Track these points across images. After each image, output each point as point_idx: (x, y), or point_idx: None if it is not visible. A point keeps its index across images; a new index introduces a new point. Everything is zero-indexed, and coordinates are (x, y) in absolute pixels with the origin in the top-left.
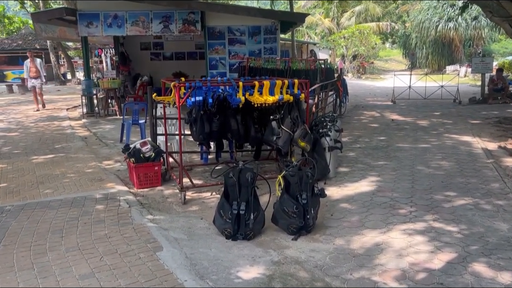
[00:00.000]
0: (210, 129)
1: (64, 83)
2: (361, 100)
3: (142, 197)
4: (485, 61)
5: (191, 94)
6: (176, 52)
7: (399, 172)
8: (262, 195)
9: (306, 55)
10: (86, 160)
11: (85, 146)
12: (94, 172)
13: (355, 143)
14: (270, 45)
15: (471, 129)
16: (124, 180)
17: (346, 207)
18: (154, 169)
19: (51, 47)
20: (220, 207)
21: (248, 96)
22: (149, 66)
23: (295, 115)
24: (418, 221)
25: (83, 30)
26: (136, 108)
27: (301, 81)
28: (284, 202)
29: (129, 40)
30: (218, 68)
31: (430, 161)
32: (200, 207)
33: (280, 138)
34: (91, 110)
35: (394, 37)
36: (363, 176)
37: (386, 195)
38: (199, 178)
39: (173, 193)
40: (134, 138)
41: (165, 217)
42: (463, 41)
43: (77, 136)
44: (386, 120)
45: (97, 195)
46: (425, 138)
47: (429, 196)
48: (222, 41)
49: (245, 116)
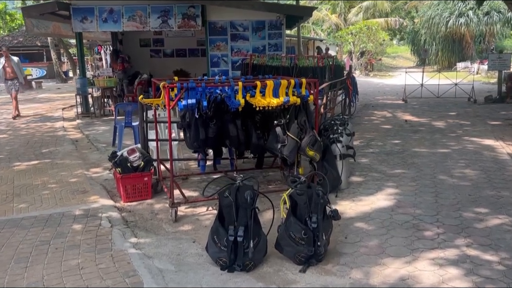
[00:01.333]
0: (206, 136)
1: (66, 81)
2: (371, 99)
3: (128, 213)
4: (502, 58)
5: (183, 95)
6: (177, 49)
7: (420, 183)
8: (264, 211)
9: (313, 51)
10: (73, 167)
11: (74, 151)
12: (78, 182)
13: (367, 148)
14: (275, 41)
15: (492, 131)
16: (111, 191)
17: (362, 228)
18: (143, 180)
19: (52, 44)
20: (214, 232)
21: (249, 98)
22: (149, 63)
23: (303, 120)
24: (448, 246)
25: (77, 26)
26: (129, 109)
27: (310, 81)
28: (290, 226)
29: (127, 37)
30: (220, 66)
31: (452, 169)
32: (193, 225)
33: (286, 146)
34: (86, 110)
35: (403, 33)
36: (379, 187)
37: (408, 212)
38: (194, 189)
39: (164, 207)
40: (128, 142)
41: (152, 240)
42: (474, 37)
43: (67, 139)
44: (398, 121)
45: (76, 211)
46: (444, 142)
47: (457, 214)
48: (224, 37)
49: (246, 121)
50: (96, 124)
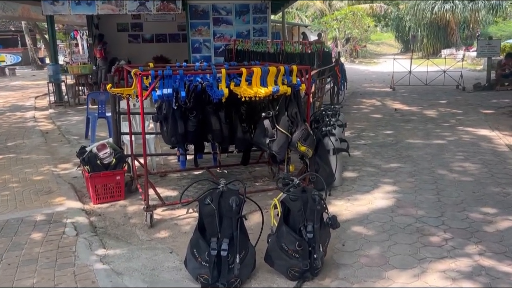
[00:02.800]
0: (185, 130)
1: (42, 68)
2: (358, 86)
3: (98, 217)
4: (491, 44)
5: (157, 84)
6: (157, 34)
7: (418, 179)
8: (251, 213)
9: (298, 37)
10: (39, 162)
11: (43, 144)
12: (43, 181)
13: (358, 139)
14: (260, 26)
15: (486, 120)
16: (81, 191)
17: (361, 232)
18: (115, 179)
19: (27, 29)
20: (194, 245)
21: (233, 87)
22: (127, 49)
23: (294, 112)
24: (459, 255)
25: (48, 8)
26: (103, 99)
27: (301, 68)
28: (282, 236)
29: (104, 21)
30: (202, 52)
31: (451, 162)
32: (171, 232)
33: (275, 141)
34: (59, 99)
35: (387, 19)
36: (375, 184)
37: (409, 213)
38: (173, 187)
39: (138, 210)
40: (103, 134)
41: (123, 251)
42: (459, 23)
43: (37, 130)
44: (388, 109)
45: (38, 216)
46: (438, 132)
47: (463, 215)
48: (206, 21)
49: (230, 113)
50: (70, 114)
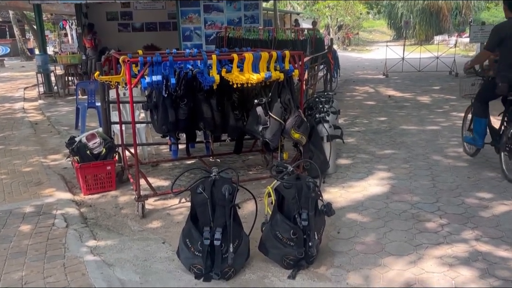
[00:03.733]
0: (176, 118)
1: (31, 59)
2: (351, 73)
3: (88, 208)
4: (485, 30)
5: (146, 72)
6: (147, 22)
7: (413, 165)
8: (245, 202)
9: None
10: (28, 154)
11: (33, 135)
12: (32, 172)
13: (352, 126)
14: (252, 13)
15: None
16: (71, 182)
17: (356, 219)
18: (105, 169)
19: (15, 19)
20: (186, 235)
21: (224, 74)
22: (117, 38)
23: (287, 98)
24: (455, 241)
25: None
26: (92, 88)
27: (294, 53)
28: (276, 224)
29: (93, 9)
30: (193, 40)
31: (445, 148)
32: (163, 222)
33: (268, 128)
34: (49, 90)
35: (379, 6)
36: (370, 170)
37: (404, 199)
38: (165, 177)
39: (130, 200)
40: (93, 124)
41: (114, 242)
42: (451, 10)
43: (26, 121)
44: (382, 96)
45: (27, 208)
46: (431, 118)
47: (459, 200)
48: (196, 8)
49: (222, 100)
50: (60, 105)
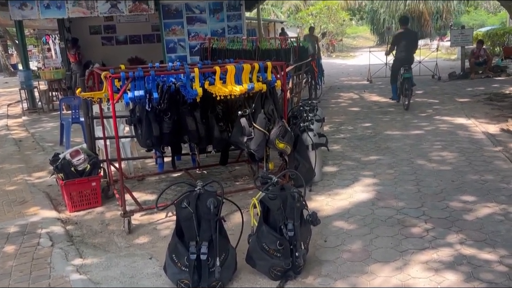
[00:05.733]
0: (160, 131)
1: (14, 74)
2: (335, 80)
3: (74, 226)
4: (464, 33)
5: (129, 87)
6: (131, 35)
7: (398, 170)
8: (231, 214)
9: (274, 34)
10: (12, 172)
11: (17, 153)
12: (17, 191)
13: (337, 133)
14: (235, 23)
15: (462, 109)
16: (56, 199)
17: (343, 227)
18: (90, 185)
19: None
20: (173, 250)
21: (207, 86)
22: (101, 52)
23: (270, 109)
24: (440, 245)
25: (16, 13)
26: (76, 103)
27: (276, 64)
28: (262, 236)
29: (75, 24)
30: (177, 51)
31: (429, 152)
32: (150, 237)
33: (253, 139)
34: (33, 106)
35: (362, 13)
36: (355, 177)
37: (390, 205)
38: (151, 191)
39: (116, 216)
40: (78, 139)
41: (100, 260)
42: (432, 14)
43: (10, 139)
44: (366, 102)
45: (11, 228)
46: (415, 123)
47: (443, 204)
48: (179, 20)
49: (206, 112)
50: (44, 121)
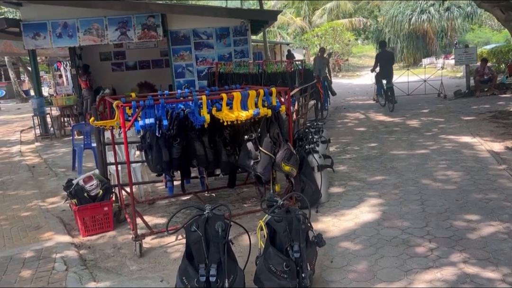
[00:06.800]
0: (170, 157)
1: (26, 100)
2: (342, 100)
3: (87, 250)
4: (468, 52)
5: (139, 115)
6: (140, 61)
7: (403, 190)
8: (239, 236)
9: (280, 56)
10: (27, 198)
11: (30, 178)
12: (31, 216)
13: (344, 153)
14: (241, 48)
15: (467, 127)
16: (69, 224)
17: (349, 248)
18: (103, 210)
19: (9, 62)
20: (183, 273)
21: (215, 112)
22: (111, 77)
23: (276, 133)
24: (444, 264)
25: (30, 43)
26: (88, 130)
27: (280, 89)
28: (270, 258)
29: (86, 51)
30: (185, 76)
31: (434, 171)
32: (161, 260)
33: (259, 162)
34: (45, 132)
35: (367, 32)
36: (361, 198)
37: (395, 225)
38: (161, 215)
39: (127, 240)
40: (90, 164)
41: (113, 283)
42: (437, 32)
43: (24, 165)
44: (372, 122)
45: (27, 253)
46: (421, 142)
47: (447, 223)
48: (187, 46)
49: (213, 137)
50: (56, 146)
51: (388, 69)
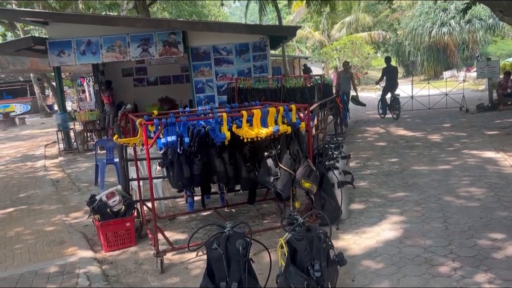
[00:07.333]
0: (191, 173)
1: (50, 115)
2: (361, 114)
3: (110, 266)
4: (490, 65)
5: (162, 132)
6: (161, 76)
7: (425, 207)
8: (259, 253)
9: (299, 70)
10: (51, 213)
11: (54, 193)
12: (55, 231)
13: (364, 169)
14: (260, 63)
15: (490, 142)
16: (92, 239)
17: (370, 266)
18: (125, 226)
19: (35, 78)
20: None
21: (235, 129)
22: (132, 93)
23: (295, 149)
24: (469, 285)
25: (54, 60)
26: (111, 145)
27: (300, 106)
28: (290, 276)
29: (109, 67)
30: (205, 91)
31: (457, 188)
32: (181, 276)
33: (279, 179)
34: (69, 146)
35: (387, 45)
36: (382, 214)
37: (417, 243)
38: (182, 230)
39: (149, 256)
40: (112, 179)
41: None
42: (458, 45)
43: (48, 179)
44: (393, 137)
45: (51, 268)
46: (443, 157)
47: (471, 242)
48: (207, 62)
49: (234, 154)
50: (79, 161)
51: (393, 83)
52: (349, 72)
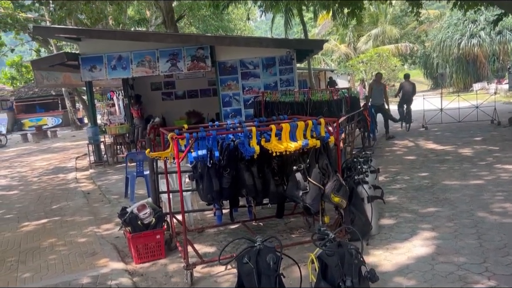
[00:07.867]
0: (220, 186)
1: (81, 128)
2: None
3: (140, 278)
4: None
5: (192, 146)
6: (189, 90)
7: (458, 223)
8: (289, 267)
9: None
10: (83, 224)
11: (86, 205)
12: (87, 243)
13: (393, 183)
14: (287, 76)
15: None
16: (123, 251)
17: (402, 283)
18: (155, 238)
19: (66, 92)
20: None
21: (264, 143)
22: (161, 106)
23: (325, 164)
24: None
25: (86, 75)
26: (141, 158)
27: (329, 120)
28: None
29: (138, 81)
30: (232, 105)
31: (490, 203)
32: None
33: (308, 193)
34: (99, 159)
35: (414, 57)
36: (414, 230)
37: (450, 260)
38: (211, 243)
39: (178, 268)
40: (141, 191)
41: None
42: (488, 57)
43: (79, 191)
44: (422, 150)
45: (84, 279)
46: (475, 172)
47: (507, 260)
48: (234, 75)
49: (262, 167)
50: (109, 173)
51: (407, 97)
52: (382, 84)
